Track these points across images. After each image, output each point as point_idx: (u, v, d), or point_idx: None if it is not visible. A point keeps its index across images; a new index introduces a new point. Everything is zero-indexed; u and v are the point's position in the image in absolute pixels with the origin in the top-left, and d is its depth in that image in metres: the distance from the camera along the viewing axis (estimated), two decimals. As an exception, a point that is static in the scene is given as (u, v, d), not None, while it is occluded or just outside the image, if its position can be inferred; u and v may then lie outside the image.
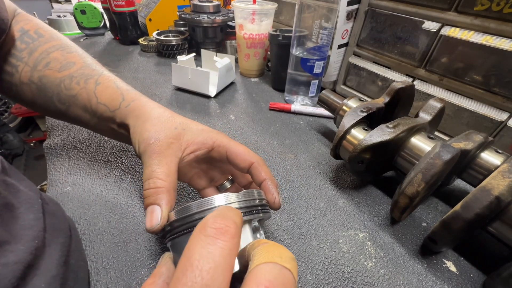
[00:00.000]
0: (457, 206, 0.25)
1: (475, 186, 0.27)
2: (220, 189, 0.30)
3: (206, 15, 0.68)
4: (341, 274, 0.27)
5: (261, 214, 0.21)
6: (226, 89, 0.60)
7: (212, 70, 0.58)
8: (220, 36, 0.73)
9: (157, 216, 0.21)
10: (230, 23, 0.73)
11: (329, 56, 0.53)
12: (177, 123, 0.27)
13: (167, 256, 0.19)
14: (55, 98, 0.30)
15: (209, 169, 0.30)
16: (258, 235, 0.22)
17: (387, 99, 0.36)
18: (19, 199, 0.21)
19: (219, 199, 0.19)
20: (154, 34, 0.72)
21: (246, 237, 0.20)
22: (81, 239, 0.28)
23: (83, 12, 0.83)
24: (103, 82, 0.30)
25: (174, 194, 0.23)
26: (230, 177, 0.31)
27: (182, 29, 0.77)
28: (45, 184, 0.36)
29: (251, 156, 0.26)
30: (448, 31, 0.37)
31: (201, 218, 0.18)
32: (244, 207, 0.20)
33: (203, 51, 0.64)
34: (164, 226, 0.21)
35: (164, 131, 0.25)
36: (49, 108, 0.31)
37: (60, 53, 0.31)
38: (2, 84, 0.31)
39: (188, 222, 0.19)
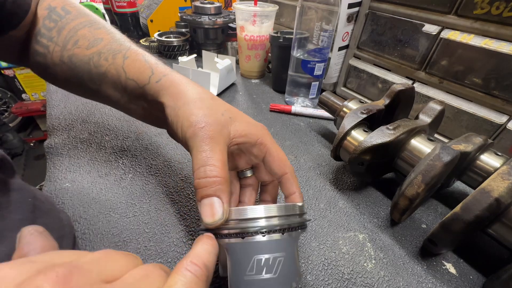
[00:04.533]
0: (457, 208, 0.25)
1: (474, 188, 0.27)
2: (240, 175, 0.29)
3: (207, 16, 0.68)
4: (340, 275, 0.27)
5: (299, 230, 0.21)
6: (226, 90, 0.60)
7: (213, 71, 0.59)
8: (221, 37, 0.73)
9: (218, 209, 0.19)
10: (231, 24, 0.73)
11: (329, 58, 0.53)
12: (222, 109, 0.24)
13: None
14: (86, 77, 0.29)
15: (237, 156, 0.28)
16: None
17: (387, 101, 0.37)
18: (8, 198, 0.20)
19: (283, 209, 0.20)
20: (155, 35, 0.72)
21: (293, 251, 0.20)
22: (77, 237, 0.28)
23: (84, 12, 0.83)
24: (131, 56, 0.28)
25: (230, 186, 0.21)
26: (251, 167, 0.29)
27: (183, 30, 0.77)
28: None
29: (287, 166, 0.25)
30: (448, 34, 0.38)
31: (258, 226, 0.19)
32: (297, 222, 0.20)
33: (204, 52, 0.64)
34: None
35: (213, 115, 0.23)
36: (83, 89, 0.30)
37: (87, 30, 0.30)
38: (37, 67, 0.30)
39: (244, 227, 0.19)
